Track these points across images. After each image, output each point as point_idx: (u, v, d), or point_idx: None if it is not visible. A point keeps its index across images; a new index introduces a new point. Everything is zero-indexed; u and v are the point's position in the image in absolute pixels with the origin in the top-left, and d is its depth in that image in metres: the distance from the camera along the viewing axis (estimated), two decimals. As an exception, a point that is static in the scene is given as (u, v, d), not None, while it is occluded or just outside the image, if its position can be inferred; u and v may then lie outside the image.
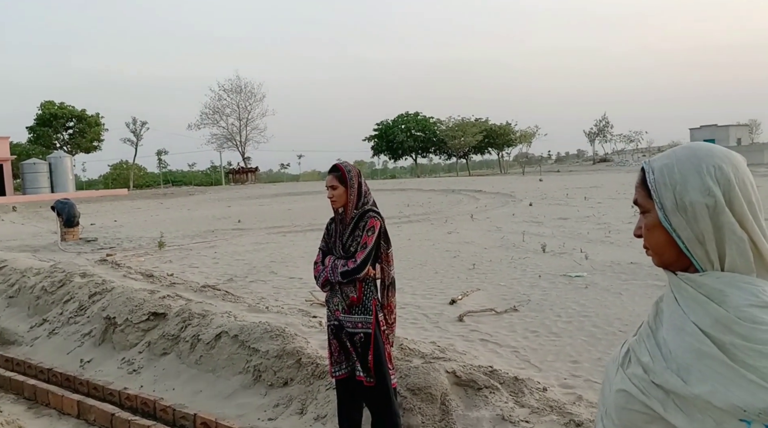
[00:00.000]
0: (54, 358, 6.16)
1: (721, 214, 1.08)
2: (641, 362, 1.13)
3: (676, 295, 1.13)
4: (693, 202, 1.09)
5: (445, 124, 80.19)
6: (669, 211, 1.12)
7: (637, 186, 1.21)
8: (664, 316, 1.15)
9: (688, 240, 1.11)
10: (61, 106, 63.21)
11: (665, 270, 1.18)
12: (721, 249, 1.09)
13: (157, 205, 35.36)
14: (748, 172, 1.14)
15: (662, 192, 1.13)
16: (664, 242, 1.14)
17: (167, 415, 4.47)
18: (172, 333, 5.87)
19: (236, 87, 76.15)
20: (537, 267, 9.66)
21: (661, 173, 1.15)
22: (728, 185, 1.09)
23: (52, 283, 7.73)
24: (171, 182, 78.19)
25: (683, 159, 1.14)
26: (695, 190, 1.10)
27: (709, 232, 1.09)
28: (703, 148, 1.15)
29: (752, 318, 1.03)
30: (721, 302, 1.06)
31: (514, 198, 26.18)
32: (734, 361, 1.02)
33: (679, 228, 1.11)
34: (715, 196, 1.08)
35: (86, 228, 18.80)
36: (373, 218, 3.55)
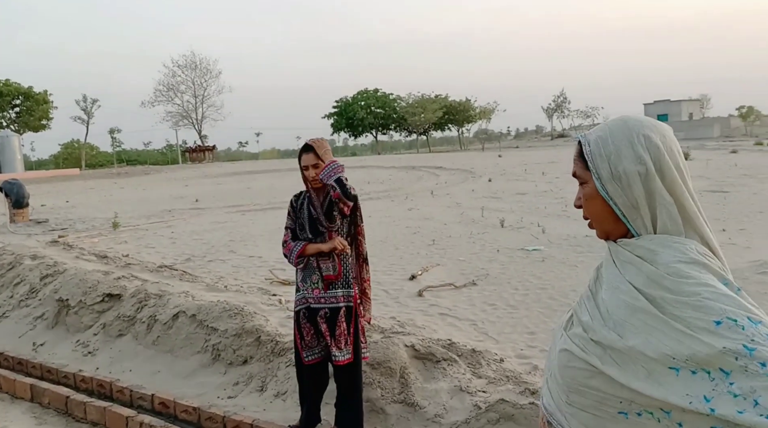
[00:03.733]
0: (5, 342, 6.00)
1: (652, 181, 1.15)
2: (581, 322, 1.20)
3: (615, 260, 1.20)
4: (626, 170, 1.16)
5: (405, 100, 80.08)
6: (605, 180, 1.18)
7: (575, 158, 1.27)
8: (603, 280, 1.21)
9: (623, 207, 1.18)
10: (6, 83, 60.78)
11: (606, 241, 1.24)
12: (654, 214, 1.17)
13: (111, 185, 34.49)
14: (675, 140, 1.21)
15: (598, 163, 1.20)
16: (602, 211, 1.21)
17: (124, 396, 4.41)
18: (128, 314, 5.77)
19: (191, 63, 74.48)
20: (495, 241, 9.79)
21: (596, 145, 1.21)
22: (658, 153, 1.16)
23: (1, 266, 7.50)
24: (125, 161, 76.30)
25: (615, 130, 1.20)
26: (628, 159, 1.16)
27: (642, 198, 1.16)
28: (633, 120, 1.22)
29: (678, 273, 1.11)
30: (653, 261, 1.14)
31: (474, 174, 26.40)
32: (664, 313, 1.09)
33: (615, 196, 1.18)
34: (646, 164, 1.16)
35: (36, 209, 18.23)
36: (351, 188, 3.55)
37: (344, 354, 3.46)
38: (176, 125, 75.04)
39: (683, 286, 1.09)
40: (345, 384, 3.56)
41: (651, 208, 1.17)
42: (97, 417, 4.10)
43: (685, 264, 1.12)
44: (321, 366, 3.63)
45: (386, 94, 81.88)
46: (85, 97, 69.62)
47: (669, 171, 1.17)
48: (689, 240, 1.16)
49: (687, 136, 54.95)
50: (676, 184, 1.17)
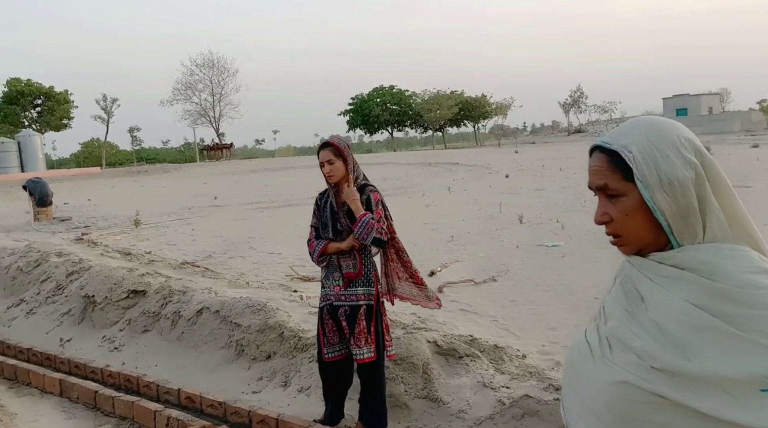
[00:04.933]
0: (33, 338, 6.11)
1: (702, 186, 1.07)
2: (633, 348, 1.05)
3: (651, 277, 1.09)
4: (679, 176, 1.07)
5: (420, 97, 79.94)
6: (654, 189, 1.07)
7: (601, 169, 1.15)
8: (644, 298, 1.09)
9: (672, 218, 1.08)
10: (28, 83, 61.61)
11: (630, 257, 1.14)
12: (704, 222, 1.08)
13: (132, 183, 34.87)
14: None
15: (645, 171, 1.08)
16: (645, 224, 1.10)
17: (151, 391, 4.48)
18: (153, 310, 5.85)
19: (208, 62, 74.96)
20: (514, 237, 9.77)
21: (640, 151, 1.10)
22: (703, 157, 1.09)
23: (28, 263, 7.62)
24: (145, 160, 77.04)
25: (653, 135, 1.11)
26: (678, 164, 1.07)
27: (693, 205, 1.07)
28: (663, 122, 1.13)
29: (754, 284, 1.00)
30: (712, 274, 1.02)
31: (491, 170, 26.33)
32: (742, 330, 0.98)
33: (664, 207, 1.08)
34: (697, 167, 1.08)
35: (60, 207, 18.50)
36: (373, 192, 3.60)
37: (363, 352, 3.48)
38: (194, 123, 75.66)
39: (758, 298, 0.98)
40: (367, 380, 3.59)
41: (702, 215, 1.07)
42: (125, 411, 4.18)
43: (756, 274, 1.01)
44: (343, 363, 3.66)
45: (402, 90, 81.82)
46: (105, 96, 70.44)
47: (716, 175, 1.09)
48: (746, 247, 1.07)
49: (707, 131, 54.29)
50: (725, 187, 1.09)
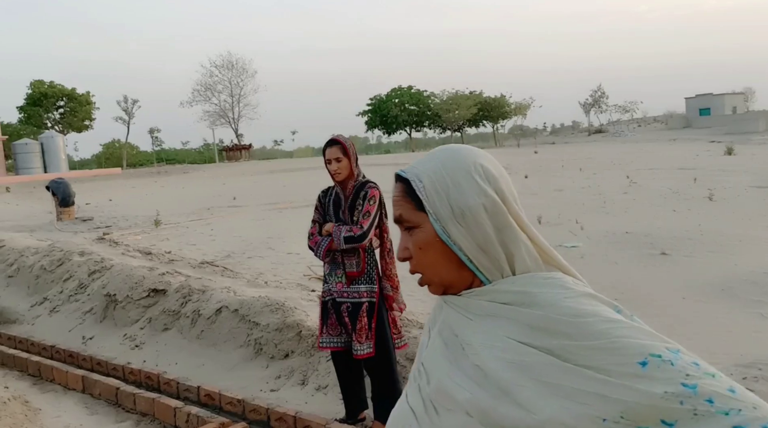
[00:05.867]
0: (56, 335, 6.22)
1: (500, 215, 0.98)
2: (460, 403, 0.93)
3: (467, 316, 0.98)
4: (470, 205, 0.97)
5: (438, 97, 79.78)
6: (446, 221, 0.98)
7: (398, 199, 1.05)
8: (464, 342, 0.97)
9: (470, 251, 0.98)
10: (51, 85, 62.55)
11: (442, 297, 1.04)
12: (509, 253, 0.98)
13: (152, 184, 35.23)
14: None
15: (435, 200, 0.99)
16: (443, 259, 1.00)
17: (171, 388, 4.54)
18: (173, 308, 5.93)
19: (227, 63, 75.43)
20: (532, 238, 9.72)
21: (430, 180, 1.00)
22: (497, 182, 1.00)
23: (51, 262, 7.76)
24: (164, 160, 77.82)
25: (447, 161, 1.02)
26: (469, 192, 0.98)
27: (491, 237, 0.97)
28: (461, 148, 1.05)
29: (574, 313, 0.90)
30: (532, 304, 0.93)
31: (510, 170, 26.17)
32: (574, 363, 0.87)
33: (459, 239, 0.98)
34: (490, 195, 0.98)
35: (81, 207, 18.75)
36: (372, 188, 3.61)
37: (363, 348, 3.54)
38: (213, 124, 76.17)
39: (586, 327, 0.88)
40: (377, 377, 3.64)
41: (504, 246, 0.98)
42: (146, 407, 4.24)
43: (576, 299, 0.92)
44: (347, 355, 3.70)
45: (420, 91, 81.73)
46: (126, 97, 71.13)
47: (512, 202, 1.00)
48: (559, 273, 0.99)
49: (731, 131, 53.51)
50: (520, 216, 1.00)
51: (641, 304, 5.92)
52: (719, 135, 49.55)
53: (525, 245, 0.99)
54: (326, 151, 3.62)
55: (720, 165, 21.56)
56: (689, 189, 14.81)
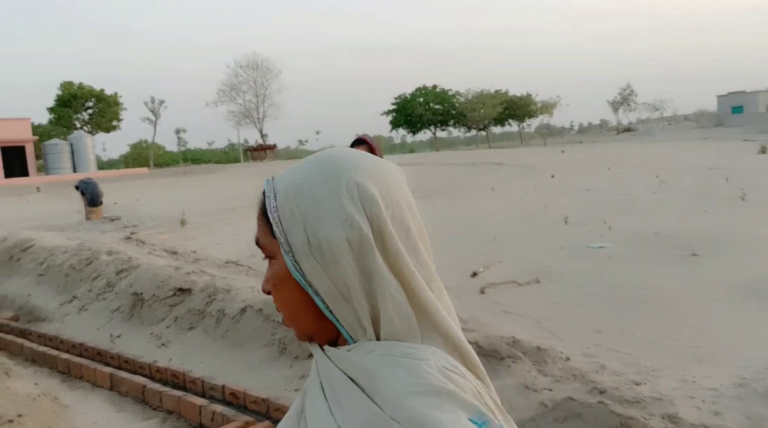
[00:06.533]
0: (84, 333, 6.31)
1: (368, 255, 0.73)
2: None
3: (323, 381, 0.76)
4: (330, 238, 0.73)
5: (463, 96, 79.52)
6: (299, 254, 0.74)
7: (259, 217, 0.81)
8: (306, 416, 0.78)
9: (328, 297, 0.74)
10: (81, 87, 63.65)
11: (310, 345, 0.80)
12: (374, 307, 0.74)
13: (178, 183, 35.66)
14: (406, 188, 0.80)
15: (288, 226, 0.75)
16: (299, 301, 0.77)
17: (196, 386, 4.58)
18: (198, 308, 5.98)
19: (252, 63, 76.00)
20: (559, 238, 9.63)
21: (286, 198, 0.76)
22: (376, 210, 0.74)
23: (80, 261, 7.88)
24: (190, 160, 78.76)
25: (316, 174, 0.77)
26: (331, 220, 0.73)
27: (354, 283, 0.73)
28: (342, 157, 0.78)
29: (411, 417, 0.67)
30: (374, 392, 0.71)
31: (535, 170, 25.99)
32: None
33: (315, 280, 0.74)
34: (359, 227, 0.73)
35: (109, 207, 19.05)
36: None
37: None
38: (238, 124, 76.79)
39: None
40: None
41: (370, 297, 0.74)
42: (172, 405, 4.28)
43: (421, 396, 0.68)
44: None
45: (445, 90, 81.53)
46: (153, 98, 72.08)
47: (392, 241, 0.74)
48: (427, 349, 0.74)
49: (765, 129, 52.30)
50: (402, 259, 0.74)
51: (669, 306, 5.82)
52: (752, 133, 48.51)
53: (394, 299, 0.73)
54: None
55: (753, 164, 21.12)
56: (721, 189, 14.52)
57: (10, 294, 7.81)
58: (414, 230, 0.77)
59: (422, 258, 0.77)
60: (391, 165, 0.81)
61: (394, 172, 0.79)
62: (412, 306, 0.74)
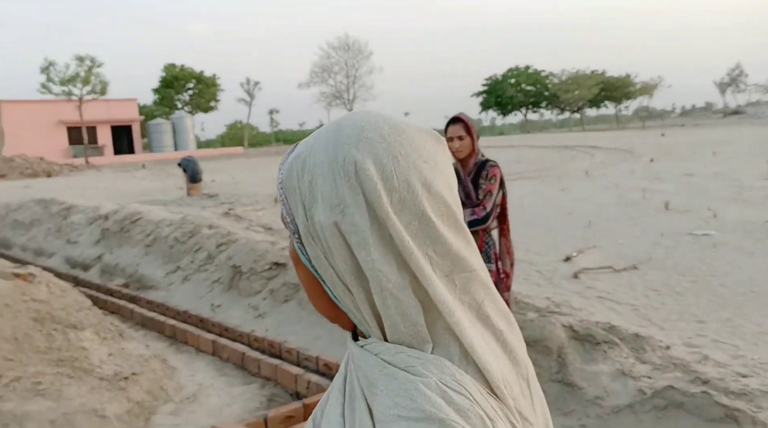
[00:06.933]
0: (188, 302, 6.68)
1: (362, 247, 0.62)
2: None
3: (348, 376, 0.69)
4: (321, 223, 0.64)
5: (557, 77, 77.16)
6: (303, 236, 0.67)
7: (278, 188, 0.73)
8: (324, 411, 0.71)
9: (332, 285, 0.67)
10: (182, 69, 66.67)
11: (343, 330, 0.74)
12: (374, 306, 0.65)
13: (270, 163, 36.76)
14: (432, 164, 0.66)
15: (292, 205, 0.68)
16: (311, 282, 0.70)
17: (292, 356, 4.75)
18: (293, 282, 6.18)
19: (344, 44, 76.85)
20: (659, 225, 9.22)
21: (290, 172, 0.69)
22: (375, 195, 0.63)
23: (183, 234, 8.31)
24: (282, 141, 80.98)
25: (320, 145, 0.67)
26: (324, 202, 0.64)
27: (350, 276, 0.64)
28: (349, 125, 0.67)
29: None
30: (372, 404, 0.63)
31: (633, 154, 24.91)
32: None
33: (318, 265, 0.67)
34: (351, 214, 0.63)
35: (207, 184, 19.93)
36: (493, 167, 3.57)
37: None
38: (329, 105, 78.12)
39: None
40: None
41: (368, 294, 0.64)
42: (270, 373, 4.47)
43: (408, 422, 0.59)
44: None
45: (538, 71, 79.40)
46: (248, 79, 74.47)
47: (394, 228, 0.63)
48: (433, 361, 0.63)
49: None
50: (407, 251, 0.63)
51: (782, 299, 5.46)
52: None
53: (395, 299, 0.63)
54: (448, 129, 3.61)
55: None
56: (841, 176, 13.39)
57: (121, 262, 8.37)
58: (431, 214, 0.64)
59: (442, 248, 0.64)
60: (419, 134, 0.68)
61: (417, 144, 0.66)
62: (423, 307, 0.63)
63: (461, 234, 0.67)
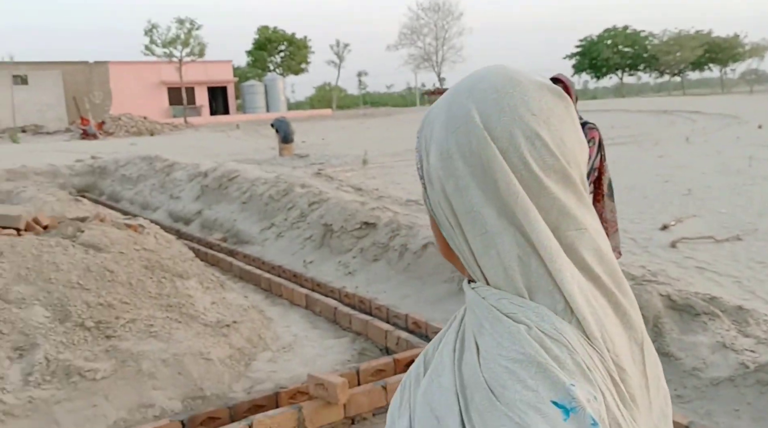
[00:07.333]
0: (281, 257, 6.96)
1: (457, 194, 0.66)
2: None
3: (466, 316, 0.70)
4: (431, 168, 0.69)
5: (658, 37, 72.86)
6: (426, 179, 0.71)
7: None
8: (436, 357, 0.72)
9: (443, 226, 0.70)
10: (275, 31, 67.84)
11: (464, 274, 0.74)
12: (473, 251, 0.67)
13: (358, 125, 37.10)
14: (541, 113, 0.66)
15: (421, 150, 0.72)
16: (434, 225, 0.74)
17: (381, 313, 4.88)
18: (382, 241, 6.30)
19: (434, 5, 75.60)
20: (766, 195, 8.68)
21: (423, 121, 0.73)
22: (482, 144, 0.65)
23: (277, 192, 8.60)
24: (369, 103, 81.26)
25: (446, 95, 0.71)
26: (436, 149, 0.68)
27: (454, 217, 0.67)
28: (472, 75, 0.71)
29: (493, 384, 0.61)
30: (479, 341, 0.65)
31: (739, 119, 23.35)
32: None
33: (435, 207, 0.70)
34: (454, 158, 0.66)
35: (298, 144, 20.40)
36: (592, 129, 3.48)
37: None
38: (417, 68, 77.48)
39: (488, 417, 0.59)
40: None
41: (467, 241, 0.67)
42: (360, 328, 4.62)
43: (510, 362, 0.60)
44: None
45: (637, 31, 75.19)
46: (338, 41, 74.94)
47: (504, 177, 0.64)
48: (534, 309, 0.63)
49: None
50: (515, 200, 0.64)
51: None
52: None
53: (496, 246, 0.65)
54: None
55: None
56: None
57: (219, 218, 8.79)
58: (535, 167, 0.64)
59: (546, 201, 0.64)
60: (537, 88, 0.67)
61: (529, 97, 0.66)
62: (526, 256, 0.64)
63: (571, 190, 0.66)
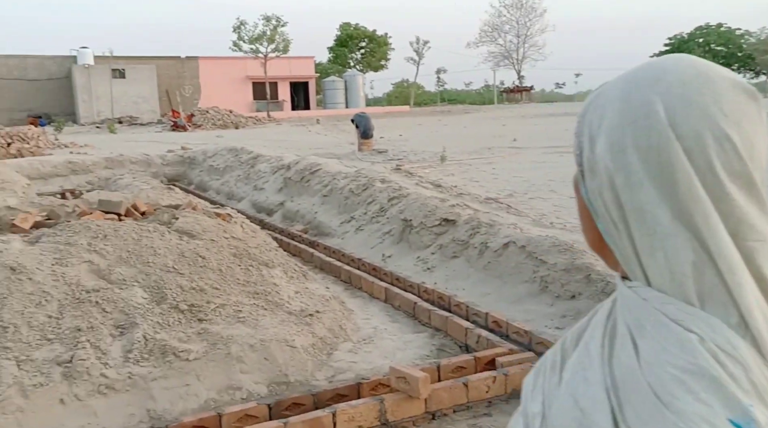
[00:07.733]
0: (361, 250, 7.06)
1: (637, 187, 0.61)
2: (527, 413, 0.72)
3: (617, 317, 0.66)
4: (597, 159, 0.64)
5: (755, 36, 68.92)
6: (585, 166, 0.66)
7: None
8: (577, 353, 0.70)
9: (602, 220, 0.66)
10: (356, 28, 68.65)
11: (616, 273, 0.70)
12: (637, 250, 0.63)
13: (436, 122, 37.04)
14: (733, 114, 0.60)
15: (583, 135, 0.67)
16: (584, 214, 0.70)
17: (461, 310, 4.88)
18: (462, 238, 6.29)
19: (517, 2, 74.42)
20: None
21: (586, 104, 0.68)
22: (663, 141, 0.60)
23: (357, 186, 8.73)
24: (447, 100, 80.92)
25: (621, 81, 0.66)
26: (605, 139, 0.63)
27: (618, 212, 0.63)
28: (655, 64, 0.65)
29: (659, 391, 0.57)
30: (639, 341, 0.61)
31: None
32: None
33: (592, 197, 0.66)
34: (628, 151, 0.61)
35: (377, 140, 20.59)
36: None
37: None
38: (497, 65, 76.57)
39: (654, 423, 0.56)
40: None
41: (631, 238, 0.62)
42: (440, 324, 4.65)
43: (680, 372, 0.57)
44: None
45: (732, 29, 71.41)
46: (418, 38, 74.91)
47: (685, 178, 0.59)
48: (706, 319, 0.58)
49: None
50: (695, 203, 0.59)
51: None
52: None
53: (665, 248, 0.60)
54: None
55: None
56: None
57: (301, 210, 9.01)
58: (719, 170, 0.59)
59: (726, 207, 0.59)
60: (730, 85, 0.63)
61: (721, 95, 0.61)
62: (701, 263, 0.59)
63: (754, 198, 0.61)
